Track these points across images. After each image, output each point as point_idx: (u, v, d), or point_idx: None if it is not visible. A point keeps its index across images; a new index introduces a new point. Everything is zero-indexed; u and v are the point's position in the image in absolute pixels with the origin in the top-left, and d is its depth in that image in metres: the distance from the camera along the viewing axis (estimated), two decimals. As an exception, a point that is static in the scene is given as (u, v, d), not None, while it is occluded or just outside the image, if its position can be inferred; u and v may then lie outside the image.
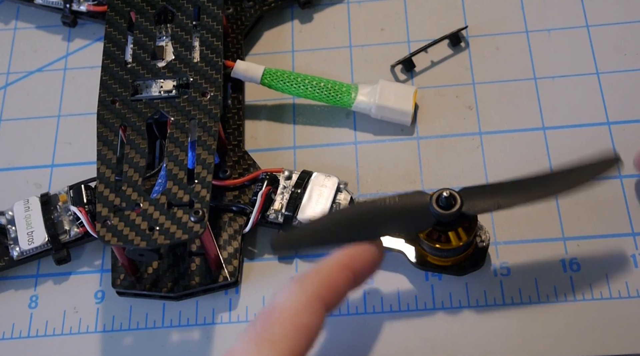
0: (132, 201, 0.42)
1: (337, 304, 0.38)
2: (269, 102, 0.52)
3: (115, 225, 0.42)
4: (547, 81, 0.51)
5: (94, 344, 0.45)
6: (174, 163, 0.44)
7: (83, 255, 0.48)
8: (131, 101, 0.46)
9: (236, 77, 0.50)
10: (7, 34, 0.56)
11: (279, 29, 0.55)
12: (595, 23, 0.53)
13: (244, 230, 0.46)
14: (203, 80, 0.46)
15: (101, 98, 0.46)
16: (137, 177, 0.43)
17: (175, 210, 0.42)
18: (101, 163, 0.44)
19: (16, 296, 0.47)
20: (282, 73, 0.49)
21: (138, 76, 0.47)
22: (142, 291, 0.45)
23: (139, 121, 0.45)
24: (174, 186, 0.43)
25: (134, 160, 0.44)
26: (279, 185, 0.46)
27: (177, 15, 0.49)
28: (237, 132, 0.49)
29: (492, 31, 0.53)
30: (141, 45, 0.48)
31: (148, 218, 0.42)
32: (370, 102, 0.49)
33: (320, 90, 0.49)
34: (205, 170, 0.43)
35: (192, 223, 0.41)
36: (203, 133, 0.44)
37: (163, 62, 0.47)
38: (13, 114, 0.53)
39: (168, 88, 0.46)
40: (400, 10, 0.55)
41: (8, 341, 0.46)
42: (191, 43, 0.48)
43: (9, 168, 0.51)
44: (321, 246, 0.43)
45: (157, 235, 0.41)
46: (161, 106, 0.46)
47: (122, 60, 0.47)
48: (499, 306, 0.44)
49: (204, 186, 0.43)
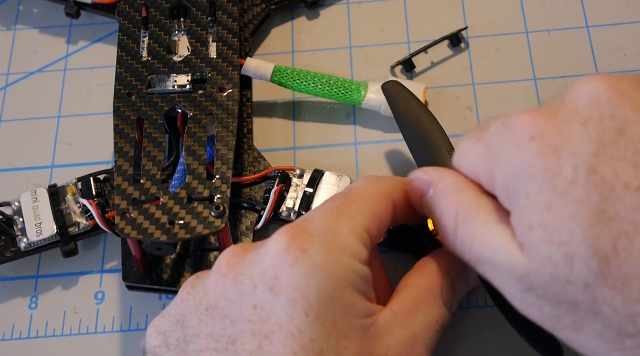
0: (152, 194, 0.42)
1: (399, 215, 0.39)
2: (269, 101, 0.52)
3: (135, 218, 0.42)
4: (547, 81, 0.51)
5: (94, 345, 0.45)
6: (193, 158, 0.44)
7: (83, 256, 0.48)
8: (147, 94, 0.46)
9: (246, 74, 0.50)
10: (7, 35, 0.56)
11: (279, 29, 0.55)
12: (595, 23, 0.53)
13: (255, 226, 0.46)
14: (220, 76, 0.46)
15: (117, 90, 0.46)
16: (155, 170, 0.43)
17: (196, 205, 0.42)
18: (119, 156, 0.44)
19: (16, 296, 0.47)
20: (292, 71, 0.50)
21: (153, 70, 0.47)
22: (152, 285, 0.45)
23: (155, 114, 0.45)
24: (193, 180, 0.43)
25: (152, 154, 0.44)
26: (291, 183, 0.46)
27: (191, 10, 0.49)
28: (246, 129, 0.50)
29: (492, 31, 0.53)
30: (156, 38, 0.48)
31: (168, 212, 0.42)
32: (380, 100, 0.49)
33: (330, 87, 0.49)
34: (225, 165, 0.43)
35: (213, 217, 0.41)
36: (222, 129, 0.45)
37: (179, 57, 0.47)
38: (13, 115, 0.53)
39: (182, 82, 0.46)
40: (400, 11, 0.55)
41: (8, 342, 0.46)
42: (207, 38, 0.48)
43: (9, 169, 0.51)
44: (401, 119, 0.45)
45: (178, 229, 0.41)
46: (178, 100, 0.46)
47: (136, 53, 0.48)
48: (499, 306, 0.44)
49: (223, 181, 0.43)
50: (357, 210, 0.37)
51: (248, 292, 0.34)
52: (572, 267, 0.30)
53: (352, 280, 0.35)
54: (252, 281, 0.34)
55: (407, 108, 0.45)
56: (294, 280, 0.33)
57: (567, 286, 0.31)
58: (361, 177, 0.39)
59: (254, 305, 0.34)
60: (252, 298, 0.34)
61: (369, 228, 0.37)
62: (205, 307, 0.35)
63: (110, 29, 0.56)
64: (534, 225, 0.31)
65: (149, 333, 0.38)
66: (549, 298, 0.32)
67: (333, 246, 0.35)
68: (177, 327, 0.36)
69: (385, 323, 0.36)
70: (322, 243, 0.35)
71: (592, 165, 0.31)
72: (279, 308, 0.33)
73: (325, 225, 0.35)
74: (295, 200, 0.46)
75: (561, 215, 0.31)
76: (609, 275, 0.30)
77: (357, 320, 0.34)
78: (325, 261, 0.34)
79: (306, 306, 0.33)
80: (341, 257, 0.35)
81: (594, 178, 0.30)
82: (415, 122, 0.44)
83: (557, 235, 0.31)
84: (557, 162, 0.31)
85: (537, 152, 0.32)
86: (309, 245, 0.34)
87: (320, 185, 0.46)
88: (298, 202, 0.45)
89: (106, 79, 0.53)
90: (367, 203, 0.37)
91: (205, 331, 0.35)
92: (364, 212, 0.37)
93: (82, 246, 0.47)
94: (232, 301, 0.34)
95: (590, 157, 0.31)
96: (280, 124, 0.51)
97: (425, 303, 0.38)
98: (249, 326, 0.34)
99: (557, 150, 0.31)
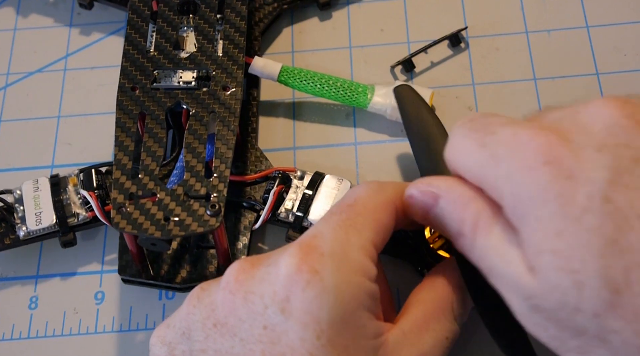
0: (149, 190, 0.42)
1: (400, 222, 0.39)
2: (269, 101, 0.52)
3: (131, 212, 0.42)
4: (547, 81, 0.51)
5: (94, 345, 0.45)
6: (193, 155, 0.44)
7: (83, 256, 0.48)
8: (151, 89, 0.46)
9: (253, 73, 0.50)
10: (7, 35, 0.56)
11: (279, 29, 0.55)
12: (595, 23, 0.53)
13: (253, 226, 0.46)
14: (224, 75, 0.46)
15: (121, 84, 0.46)
16: (154, 165, 0.43)
17: (192, 202, 0.42)
18: (119, 150, 0.44)
19: (16, 297, 0.47)
20: (300, 71, 0.50)
21: (159, 65, 0.47)
22: (148, 280, 0.45)
23: (158, 110, 0.45)
24: (191, 178, 0.43)
25: (152, 149, 0.44)
26: (292, 184, 0.46)
27: (200, 7, 0.49)
28: (251, 128, 0.50)
29: (492, 31, 0.53)
30: (163, 34, 0.48)
31: (164, 208, 0.42)
32: (386, 104, 0.49)
33: (336, 89, 0.49)
34: (224, 164, 0.43)
35: (208, 216, 0.41)
36: (222, 127, 0.45)
37: (185, 53, 0.47)
38: (13, 115, 0.53)
39: (187, 79, 0.46)
40: (400, 11, 0.55)
41: (8, 342, 0.46)
42: (214, 36, 0.48)
43: (9, 169, 0.51)
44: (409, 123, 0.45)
45: (172, 226, 0.41)
46: (181, 97, 0.46)
47: (143, 47, 0.48)
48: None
49: (221, 180, 0.43)
50: (363, 223, 0.36)
51: (259, 312, 0.34)
52: (581, 296, 0.30)
53: (363, 300, 0.35)
54: (262, 301, 0.34)
55: (416, 112, 0.45)
56: (306, 303, 0.33)
57: (575, 313, 0.30)
58: (363, 182, 0.39)
59: (264, 326, 0.34)
60: (263, 318, 0.34)
61: (376, 242, 0.37)
62: (213, 323, 0.35)
63: (110, 29, 0.56)
64: (544, 250, 0.31)
65: (153, 343, 0.38)
66: (556, 321, 0.31)
67: (344, 266, 0.34)
68: (182, 340, 0.36)
69: (394, 342, 0.36)
70: (333, 264, 0.34)
71: (606, 193, 0.30)
72: (290, 331, 0.33)
73: (335, 243, 0.35)
74: (294, 202, 0.46)
75: (573, 243, 0.30)
76: (619, 306, 0.29)
77: (367, 342, 0.34)
78: (337, 283, 0.34)
79: (318, 330, 0.33)
80: (352, 278, 0.34)
81: (608, 207, 0.30)
82: (422, 127, 0.44)
83: (567, 263, 0.30)
84: (571, 188, 0.31)
85: (551, 178, 0.31)
86: (320, 266, 0.34)
87: (321, 188, 0.46)
88: (297, 203, 0.45)
89: (106, 78, 0.53)
90: (372, 215, 0.37)
91: (213, 348, 0.35)
92: (370, 225, 0.37)
93: (81, 241, 0.47)
94: (241, 319, 0.34)
95: (605, 184, 0.30)
96: (280, 124, 0.51)
97: (435, 319, 0.37)
98: (259, 347, 0.34)
99: (571, 176, 0.31)
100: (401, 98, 0.46)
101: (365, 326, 0.34)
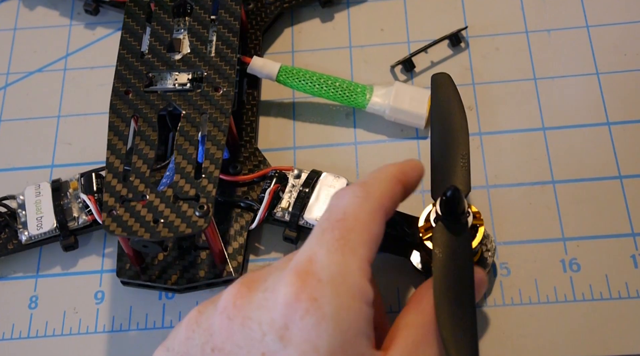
0: (139, 192, 0.42)
1: (390, 216, 0.39)
2: (269, 101, 0.52)
3: (121, 215, 0.42)
4: (547, 81, 0.51)
5: (94, 345, 0.45)
6: (183, 156, 0.44)
7: (83, 256, 0.48)
8: (144, 92, 0.46)
9: (252, 73, 0.50)
10: (7, 34, 0.56)
11: (279, 29, 0.55)
12: (595, 23, 0.53)
13: (250, 226, 0.46)
14: (217, 75, 0.46)
15: (115, 88, 0.46)
16: (145, 168, 0.43)
17: (181, 204, 0.42)
18: (111, 153, 0.44)
19: (16, 296, 0.47)
20: (298, 71, 0.50)
21: (153, 68, 0.47)
22: (146, 281, 0.45)
23: (150, 113, 0.45)
24: (181, 179, 0.43)
25: (144, 152, 0.44)
26: (288, 183, 0.46)
27: (195, 8, 0.49)
28: (250, 128, 0.50)
29: (492, 31, 0.53)
30: (158, 37, 0.48)
31: (153, 210, 0.42)
32: (385, 104, 0.49)
33: (335, 89, 0.49)
34: (213, 165, 0.43)
35: (197, 217, 0.41)
36: (213, 128, 0.44)
37: (179, 55, 0.47)
38: (13, 114, 0.53)
39: (183, 81, 0.46)
40: (400, 11, 0.55)
41: (8, 342, 0.46)
42: (208, 37, 0.48)
43: (9, 169, 0.51)
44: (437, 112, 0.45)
45: (161, 228, 0.41)
46: (174, 99, 0.46)
47: (138, 51, 0.48)
48: (499, 306, 0.44)
49: (210, 181, 0.43)
50: (357, 240, 0.36)
51: (257, 339, 0.34)
52: None
53: (361, 326, 0.34)
54: (260, 328, 0.34)
55: (446, 101, 0.44)
56: (305, 331, 0.33)
57: None
58: (346, 188, 0.38)
59: (262, 353, 0.34)
60: (261, 345, 0.34)
61: (370, 258, 0.36)
62: (211, 348, 0.35)
63: (110, 29, 0.56)
64: None
65: None
66: None
67: (343, 292, 0.34)
68: None
69: None
70: (331, 290, 0.34)
71: None
72: None
73: (333, 268, 0.35)
74: (290, 201, 0.46)
75: None
76: None
77: None
78: (335, 310, 0.34)
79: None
80: (351, 303, 0.34)
81: None
82: (446, 116, 0.44)
83: None
84: None
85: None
86: (318, 294, 0.34)
87: (317, 185, 0.46)
88: (292, 202, 0.45)
89: (106, 78, 0.53)
90: (364, 228, 0.37)
91: None
92: (364, 240, 0.36)
93: (81, 241, 0.47)
94: (239, 346, 0.34)
95: None
96: (280, 124, 0.51)
97: (426, 343, 0.37)
98: None
99: None
100: (436, 85, 0.46)
101: (363, 354, 0.34)
